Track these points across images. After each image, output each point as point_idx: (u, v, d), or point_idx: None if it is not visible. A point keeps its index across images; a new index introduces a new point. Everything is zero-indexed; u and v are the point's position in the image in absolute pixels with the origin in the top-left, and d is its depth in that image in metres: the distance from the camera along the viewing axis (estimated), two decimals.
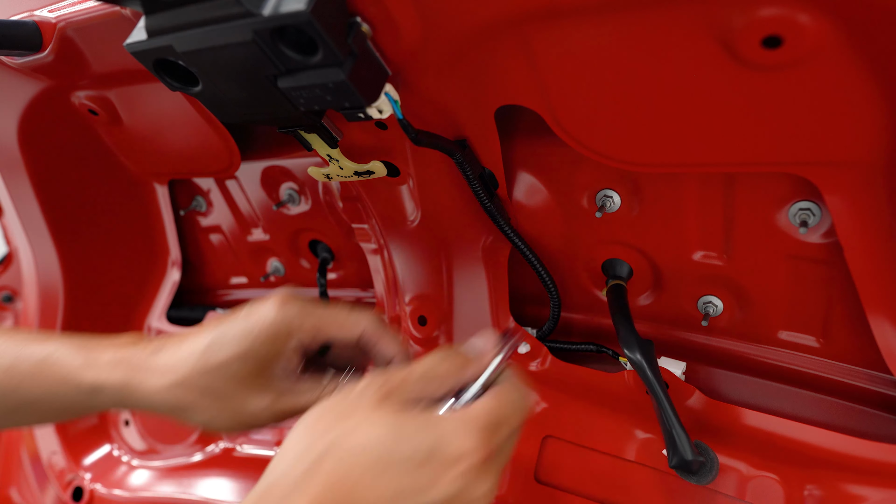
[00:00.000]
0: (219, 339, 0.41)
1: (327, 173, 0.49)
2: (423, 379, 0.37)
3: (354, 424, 0.34)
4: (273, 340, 0.41)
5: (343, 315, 0.42)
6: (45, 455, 0.83)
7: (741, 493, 0.48)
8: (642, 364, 0.46)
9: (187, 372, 0.40)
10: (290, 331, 0.41)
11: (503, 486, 0.57)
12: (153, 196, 0.80)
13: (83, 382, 0.41)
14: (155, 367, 0.41)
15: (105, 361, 0.42)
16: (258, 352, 0.40)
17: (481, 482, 0.34)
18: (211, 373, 0.40)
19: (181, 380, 0.40)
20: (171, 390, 0.41)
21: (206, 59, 0.32)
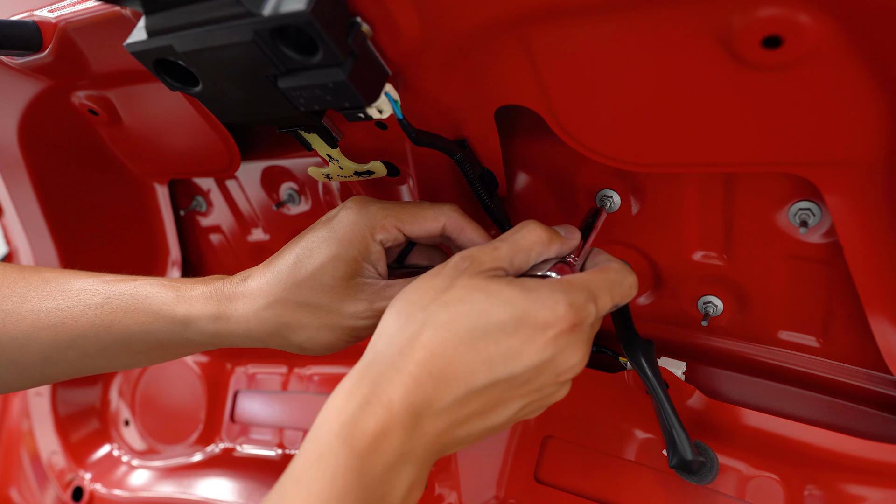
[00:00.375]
0: (305, 250, 0.40)
1: (327, 173, 0.49)
2: (513, 250, 0.37)
3: (448, 297, 0.34)
4: (359, 241, 0.40)
5: (424, 209, 0.41)
6: (45, 455, 0.83)
7: (741, 493, 0.48)
8: (642, 364, 0.46)
9: (280, 290, 0.40)
10: (374, 229, 0.40)
11: (503, 485, 0.57)
12: (153, 196, 0.80)
13: (176, 316, 0.40)
14: (246, 292, 0.40)
15: (195, 295, 0.41)
16: (346, 255, 0.39)
17: (573, 349, 0.34)
18: (303, 285, 0.39)
19: (275, 300, 0.39)
20: (265, 312, 0.40)
21: (207, 59, 0.32)
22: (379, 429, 0.31)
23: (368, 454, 0.30)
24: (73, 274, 0.43)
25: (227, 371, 0.82)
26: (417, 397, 0.32)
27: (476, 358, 0.32)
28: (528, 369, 0.33)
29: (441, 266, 0.37)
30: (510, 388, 0.34)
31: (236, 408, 0.81)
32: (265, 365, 0.80)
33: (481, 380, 0.33)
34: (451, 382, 0.32)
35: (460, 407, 0.33)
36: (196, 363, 0.82)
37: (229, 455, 0.79)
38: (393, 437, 0.31)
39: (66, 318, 0.40)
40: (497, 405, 0.34)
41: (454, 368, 0.32)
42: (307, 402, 0.75)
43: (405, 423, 0.31)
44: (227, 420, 0.81)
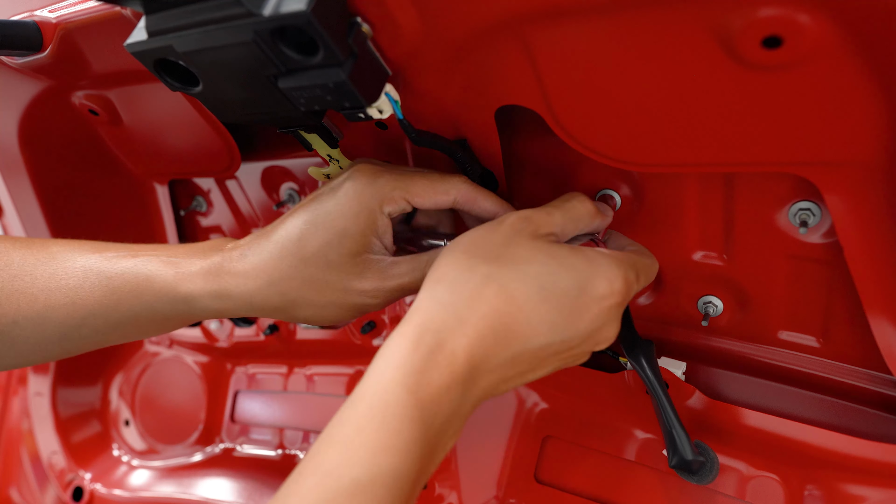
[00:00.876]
0: (310, 224, 0.38)
1: (328, 173, 0.49)
2: (565, 218, 0.37)
3: (514, 254, 0.34)
4: (367, 214, 0.38)
5: (434, 182, 0.39)
6: (45, 455, 0.83)
7: (741, 493, 0.48)
8: (642, 364, 0.46)
9: (284, 267, 0.38)
10: (382, 202, 0.38)
11: (503, 485, 0.57)
12: (153, 196, 0.80)
13: (178, 294, 0.39)
14: (247, 269, 0.39)
15: (195, 272, 0.40)
16: (354, 230, 0.38)
17: (614, 323, 0.36)
18: (309, 262, 0.38)
19: (279, 277, 0.38)
20: (269, 289, 0.38)
21: (207, 59, 0.32)
22: (444, 383, 0.30)
23: (431, 407, 0.30)
24: (78, 248, 0.42)
25: (227, 371, 0.82)
26: (478, 352, 0.32)
27: (538, 319, 0.33)
28: (578, 335, 0.34)
29: (496, 223, 0.36)
30: (557, 352, 0.34)
31: (236, 408, 0.81)
32: (265, 365, 0.80)
33: (538, 341, 0.33)
34: (511, 340, 0.32)
35: (511, 365, 0.33)
36: (196, 363, 0.82)
37: (229, 455, 0.79)
38: (453, 391, 0.31)
39: (76, 297, 0.40)
40: (540, 365, 0.35)
41: (516, 327, 0.32)
42: (307, 402, 0.75)
43: (464, 378, 0.31)
44: (227, 420, 0.81)
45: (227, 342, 0.78)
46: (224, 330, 0.78)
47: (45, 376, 0.81)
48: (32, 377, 0.83)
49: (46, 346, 0.41)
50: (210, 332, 0.79)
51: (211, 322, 0.79)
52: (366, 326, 0.69)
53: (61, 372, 0.82)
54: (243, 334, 0.77)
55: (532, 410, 0.58)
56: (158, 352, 0.85)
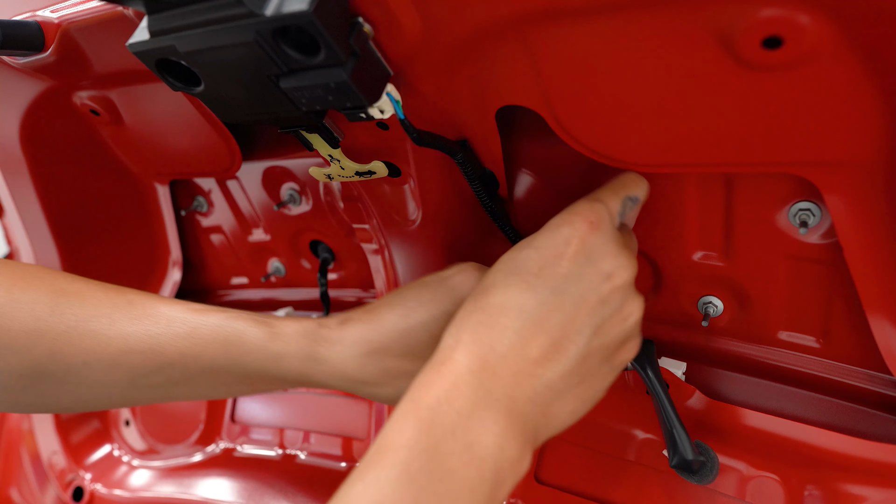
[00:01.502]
0: (416, 302, 0.40)
1: (328, 173, 0.49)
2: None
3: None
4: None
5: None
6: (45, 455, 0.83)
7: (741, 493, 0.48)
8: (643, 364, 0.46)
9: (385, 338, 0.39)
10: None
11: None
12: (154, 196, 0.80)
13: (269, 351, 0.39)
14: (346, 337, 0.39)
15: (289, 333, 0.40)
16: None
17: (603, 251, 0.36)
18: (411, 335, 0.39)
19: (379, 346, 0.39)
20: (366, 358, 0.39)
21: (209, 59, 0.32)
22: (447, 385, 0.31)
23: (436, 406, 0.30)
24: (159, 299, 0.41)
25: None
26: (477, 347, 0.32)
27: (515, 283, 0.34)
28: (567, 279, 0.34)
29: (511, 262, 0.36)
30: (564, 312, 0.33)
31: (236, 408, 0.81)
32: None
33: (528, 301, 0.33)
34: (501, 317, 0.33)
35: (522, 343, 0.32)
36: None
37: (229, 455, 0.79)
38: (464, 388, 0.30)
39: (155, 344, 0.39)
40: (562, 340, 0.33)
41: (498, 301, 0.33)
42: (307, 402, 0.75)
43: (471, 371, 0.31)
44: (228, 420, 0.81)
45: None
46: None
47: None
48: None
49: (113, 391, 0.39)
50: None
51: None
52: None
53: None
54: None
55: None
56: None
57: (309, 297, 0.82)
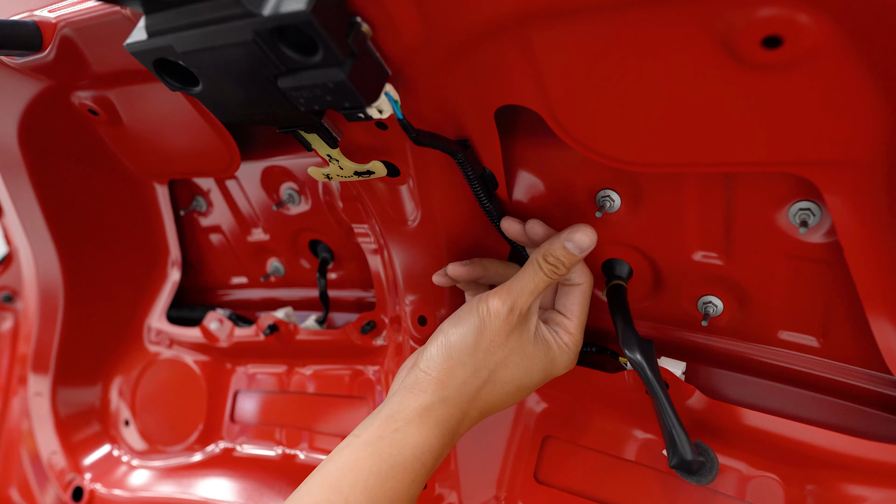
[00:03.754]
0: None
1: (327, 173, 0.49)
2: (543, 290, 0.46)
3: (504, 361, 0.45)
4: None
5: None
6: (45, 455, 0.83)
7: (741, 493, 0.48)
8: (642, 364, 0.46)
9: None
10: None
11: (503, 485, 0.57)
12: (153, 196, 0.80)
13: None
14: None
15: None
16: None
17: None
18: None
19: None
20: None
21: (207, 59, 0.32)
22: (445, 451, 0.44)
23: (433, 466, 0.43)
24: None
25: (227, 371, 0.82)
26: (467, 427, 0.46)
27: (510, 402, 0.48)
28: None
29: (474, 322, 0.45)
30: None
31: (236, 408, 0.81)
32: (265, 365, 0.80)
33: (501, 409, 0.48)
34: (487, 416, 0.47)
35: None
36: (196, 363, 0.82)
37: (229, 455, 0.79)
38: (448, 448, 0.45)
39: None
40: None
41: (495, 409, 0.47)
42: (307, 402, 0.75)
43: (455, 440, 0.45)
44: (227, 420, 0.81)
45: (227, 342, 0.78)
46: (224, 330, 0.78)
47: (45, 376, 0.81)
48: (32, 377, 0.83)
49: None
50: (210, 331, 0.79)
51: (211, 322, 0.79)
52: (365, 326, 0.69)
53: (61, 372, 0.82)
54: (243, 334, 0.77)
55: (532, 410, 0.58)
56: (158, 352, 0.85)
57: (308, 297, 0.82)
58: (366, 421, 0.44)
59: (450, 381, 0.44)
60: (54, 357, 0.80)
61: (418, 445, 0.41)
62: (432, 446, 0.42)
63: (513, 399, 0.47)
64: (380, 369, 0.70)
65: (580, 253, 0.44)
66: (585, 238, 0.43)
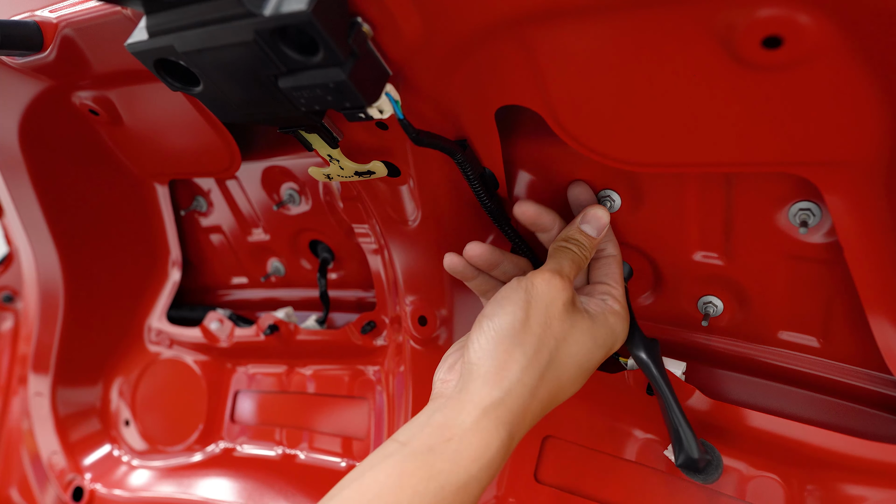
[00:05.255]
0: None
1: (328, 173, 0.49)
2: (577, 270, 0.43)
3: (565, 335, 0.40)
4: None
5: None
6: (45, 455, 0.83)
7: (741, 493, 0.48)
8: (648, 363, 0.46)
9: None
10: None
11: (503, 485, 0.57)
12: (154, 196, 0.80)
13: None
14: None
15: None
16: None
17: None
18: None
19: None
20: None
21: (207, 59, 0.32)
22: (503, 463, 0.39)
23: (489, 483, 0.38)
24: None
25: (227, 371, 0.82)
26: (530, 426, 0.40)
27: (574, 388, 0.42)
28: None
29: (524, 298, 0.40)
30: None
31: (236, 408, 0.81)
32: (265, 365, 0.80)
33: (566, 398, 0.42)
34: (550, 407, 0.41)
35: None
36: (196, 363, 0.83)
37: (229, 455, 0.79)
38: (505, 459, 0.39)
39: None
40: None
41: (558, 399, 0.41)
42: (307, 402, 0.75)
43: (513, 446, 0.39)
44: (228, 420, 0.81)
45: (227, 342, 0.78)
46: (224, 330, 0.78)
47: (45, 376, 0.81)
48: (32, 377, 0.83)
49: None
50: (210, 331, 0.79)
51: (211, 322, 0.79)
52: (366, 327, 0.69)
53: (61, 372, 0.82)
54: (243, 334, 0.77)
55: None
56: (158, 352, 0.85)
57: (308, 297, 0.82)
58: (412, 425, 0.38)
59: (509, 369, 0.38)
60: (54, 357, 0.80)
61: (476, 459, 0.36)
62: (492, 459, 0.36)
63: (575, 385, 0.41)
64: (380, 369, 0.70)
65: (598, 234, 0.44)
66: (599, 218, 0.44)
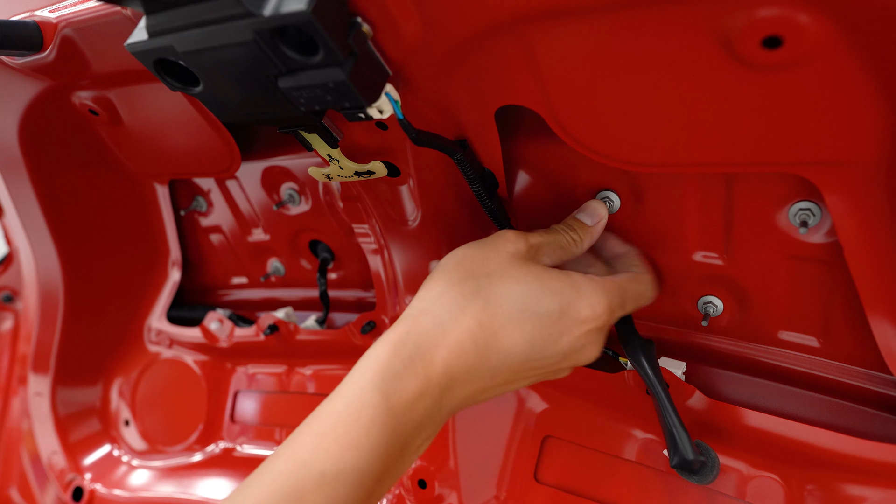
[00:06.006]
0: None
1: (328, 173, 0.49)
2: (553, 244, 0.41)
3: (503, 272, 0.36)
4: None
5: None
6: (45, 455, 0.83)
7: (741, 493, 0.48)
8: (643, 364, 0.46)
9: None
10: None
11: (503, 485, 0.57)
12: (153, 196, 0.80)
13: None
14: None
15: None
16: None
17: (595, 345, 0.39)
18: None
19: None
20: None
21: (207, 59, 0.32)
22: (417, 390, 0.32)
23: (403, 412, 0.32)
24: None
25: (227, 371, 0.82)
26: (456, 363, 0.34)
27: (519, 336, 0.35)
28: (558, 354, 0.37)
29: (495, 240, 0.39)
30: (536, 367, 0.37)
31: (236, 408, 0.81)
32: (265, 365, 0.80)
33: (517, 357, 0.35)
34: (491, 354, 0.35)
35: (489, 377, 0.35)
36: (196, 363, 0.82)
37: (229, 455, 0.79)
38: (427, 398, 0.33)
39: None
40: (518, 378, 0.37)
41: (496, 342, 0.35)
42: (307, 402, 0.75)
43: (440, 387, 0.33)
44: (227, 420, 0.81)
45: (227, 342, 0.78)
46: (224, 330, 0.78)
47: (45, 376, 0.81)
48: (32, 377, 0.83)
49: None
50: (210, 331, 0.79)
51: (211, 322, 0.79)
52: (366, 327, 0.69)
53: (61, 372, 0.82)
54: (243, 334, 0.77)
55: (532, 410, 0.58)
56: (158, 352, 0.85)
57: (308, 297, 0.82)
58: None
59: (430, 291, 0.35)
60: (54, 357, 0.80)
61: (378, 370, 0.32)
62: (397, 370, 0.32)
63: (524, 324, 0.35)
64: None
65: (592, 221, 0.44)
66: (595, 209, 0.44)
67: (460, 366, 0.34)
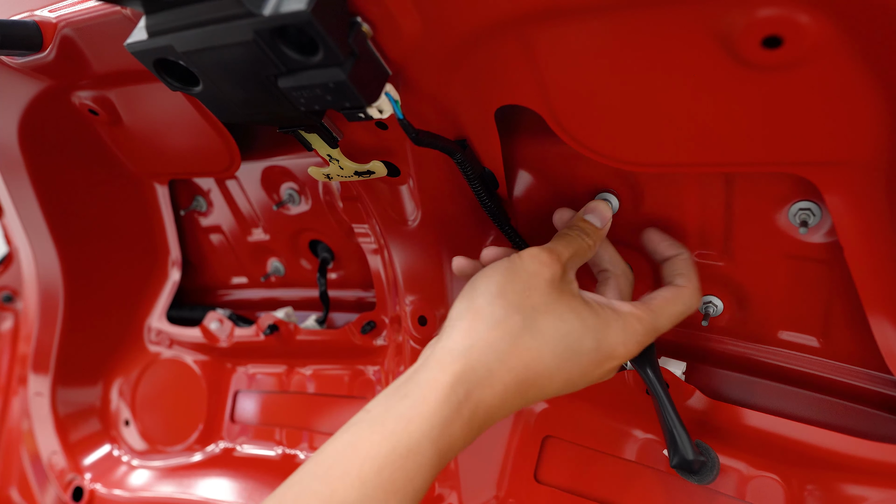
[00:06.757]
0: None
1: (327, 173, 0.49)
2: (577, 256, 0.41)
3: (546, 307, 0.37)
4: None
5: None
6: (45, 455, 0.83)
7: (741, 493, 0.48)
8: (643, 364, 0.46)
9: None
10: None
11: (503, 485, 0.57)
12: (153, 196, 0.80)
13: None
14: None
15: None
16: None
17: (612, 374, 0.41)
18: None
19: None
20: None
21: (207, 58, 0.32)
22: (463, 433, 0.34)
23: (448, 452, 0.34)
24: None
25: (227, 371, 0.82)
26: (498, 402, 0.36)
27: (559, 375, 0.37)
28: (586, 383, 0.39)
29: (517, 262, 0.38)
30: (562, 392, 0.39)
31: (236, 408, 0.81)
32: (265, 365, 0.80)
33: (553, 390, 0.37)
34: (531, 392, 0.37)
35: (523, 405, 0.37)
36: (196, 363, 0.82)
37: (229, 455, 0.79)
38: (469, 436, 0.35)
39: None
40: (539, 398, 0.38)
41: (539, 381, 0.37)
42: (307, 402, 0.75)
43: (480, 425, 0.35)
44: (227, 420, 0.81)
45: (227, 342, 0.78)
46: (224, 330, 0.78)
47: (45, 376, 0.81)
48: (32, 377, 0.83)
49: None
50: (210, 331, 0.79)
51: (211, 322, 0.79)
52: (366, 326, 0.69)
53: (61, 372, 0.82)
54: (243, 334, 0.77)
55: (532, 410, 0.58)
56: (158, 352, 0.85)
57: (308, 297, 0.82)
58: (381, 393, 0.37)
59: (475, 328, 0.35)
60: (54, 357, 0.80)
61: (428, 417, 0.33)
62: (447, 418, 0.33)
63: (561, 367, 0.36)
64: (380, 369, 0.70)
65: (601, 223, 0.44)
66: (600, 209, 0.44)
67: (501, 403, 0.36)
